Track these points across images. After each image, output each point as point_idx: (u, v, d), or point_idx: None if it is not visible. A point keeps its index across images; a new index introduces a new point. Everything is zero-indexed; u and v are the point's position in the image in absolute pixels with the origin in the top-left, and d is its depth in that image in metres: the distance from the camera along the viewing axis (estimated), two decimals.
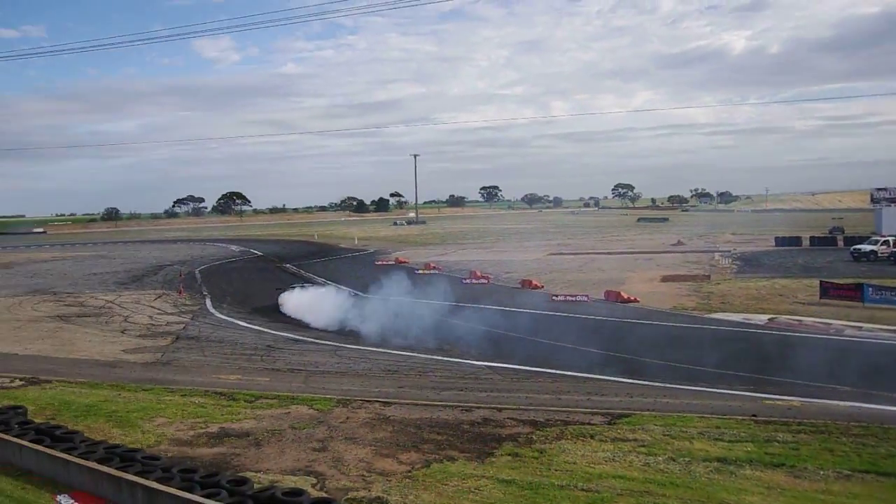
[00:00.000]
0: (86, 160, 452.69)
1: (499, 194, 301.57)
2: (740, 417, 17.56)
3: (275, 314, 40.06)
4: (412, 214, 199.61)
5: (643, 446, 15.46)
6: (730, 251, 67.83)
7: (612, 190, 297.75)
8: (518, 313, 36.92)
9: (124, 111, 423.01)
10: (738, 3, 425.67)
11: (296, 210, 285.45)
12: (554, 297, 41.20)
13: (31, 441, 15.28)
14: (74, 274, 67.54)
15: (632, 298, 39.66)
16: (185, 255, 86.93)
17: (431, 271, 59.06)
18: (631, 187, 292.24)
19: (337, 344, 30.34)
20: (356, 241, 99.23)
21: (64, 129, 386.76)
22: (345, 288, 47.44)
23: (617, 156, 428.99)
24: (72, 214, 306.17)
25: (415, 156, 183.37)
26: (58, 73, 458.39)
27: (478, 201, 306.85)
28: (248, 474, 14.02)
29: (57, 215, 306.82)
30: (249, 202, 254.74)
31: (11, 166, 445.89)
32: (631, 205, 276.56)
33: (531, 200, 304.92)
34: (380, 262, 68.96)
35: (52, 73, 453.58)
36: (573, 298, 40.70)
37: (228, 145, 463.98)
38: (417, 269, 59.81)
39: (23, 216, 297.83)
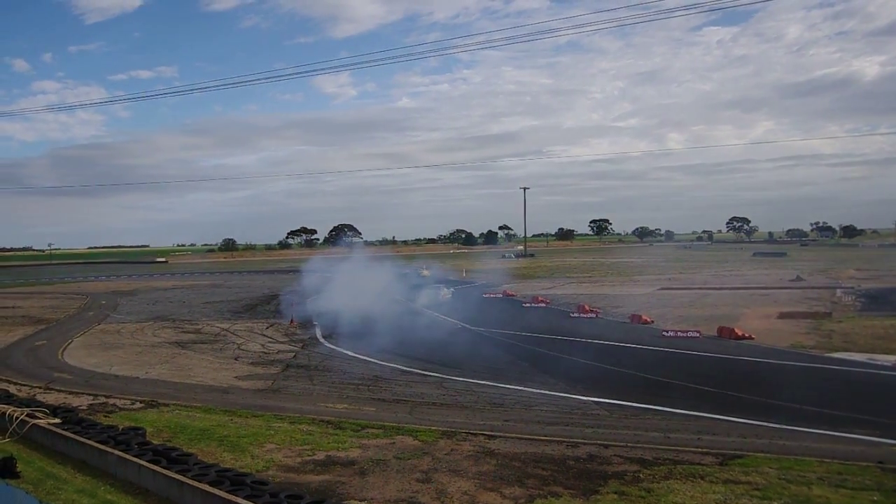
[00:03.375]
0: (207, 192, 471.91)
1: (609, 227, 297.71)
2: (864, 464, 16.52)
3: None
4: (520, 247, 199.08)
5: (757, 490, 14.77)
6: (853, 287, 64.34)
7: (727, 223, 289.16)
8: (626, 348, 36.19)
9: (246, 145, 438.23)
10: (872, 28, 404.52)
11: (405, 242, 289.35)
12: (664, 333, 40.18)
13: (149, 461, 15.96)
14: (192, 302, 70.50)
15: (746, 335, 38.20)
16: (297, 285, 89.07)
17: (539, 304, 58.62)
18: (747, 221, 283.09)
19: (442, 376, 30.35)
20: (464, 274, 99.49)
21: (190, 163, 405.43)
22: (452, 320, 47.77)
23: (733, 188, 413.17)
24: (191, 245, 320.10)
25: (524, 189, 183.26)
26: (187, 110, 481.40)
27: (587, 234, 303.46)
28: (353, 503, 14.14)
29: (178, 245, 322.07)
30: (360, 234, 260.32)
31: (140, 198, 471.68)
32: (746, 239, 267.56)
33: (642, 234, 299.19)
34: (488, 295, 68.97)
35: (182, 111, 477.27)
36: (684, 334, 39.57)
37: (343, 178, 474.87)
38: (525, 303, 59.51)
39: (147, 246, 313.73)
